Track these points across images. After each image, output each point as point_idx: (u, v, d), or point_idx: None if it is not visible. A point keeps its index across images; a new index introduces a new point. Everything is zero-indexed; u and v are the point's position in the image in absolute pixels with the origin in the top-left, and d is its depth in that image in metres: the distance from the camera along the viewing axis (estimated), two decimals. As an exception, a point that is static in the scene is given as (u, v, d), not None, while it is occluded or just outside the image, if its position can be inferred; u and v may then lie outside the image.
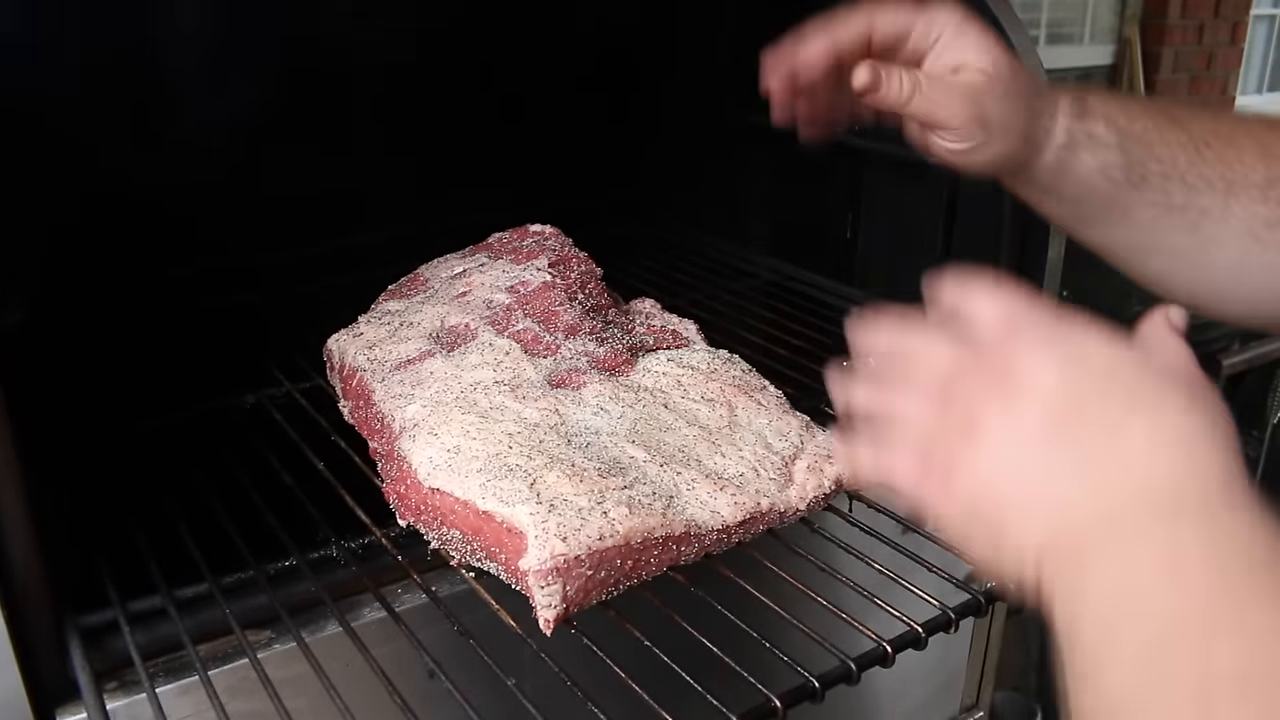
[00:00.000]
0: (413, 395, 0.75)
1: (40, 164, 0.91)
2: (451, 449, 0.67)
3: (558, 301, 0.84)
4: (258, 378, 0.93)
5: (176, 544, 0.69)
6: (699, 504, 0.65)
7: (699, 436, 0.72)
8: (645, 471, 0.67)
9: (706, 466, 0.69)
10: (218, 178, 1.12)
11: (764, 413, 0.76)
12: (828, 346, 0.99)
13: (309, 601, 0.67)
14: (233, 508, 0.73)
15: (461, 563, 0.64)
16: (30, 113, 0.92)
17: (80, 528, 0.69)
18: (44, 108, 0.95)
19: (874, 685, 1.06)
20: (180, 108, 1.12)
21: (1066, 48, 3.77)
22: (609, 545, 0.59)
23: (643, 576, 0.62)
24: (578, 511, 0.60)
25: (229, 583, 0.66)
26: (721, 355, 0.82)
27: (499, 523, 0.61)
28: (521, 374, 0.76)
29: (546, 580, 0.58)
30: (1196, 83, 4.02)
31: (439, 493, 0.64)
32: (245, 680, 0.63)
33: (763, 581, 0.64)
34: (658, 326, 0.89)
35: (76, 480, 0.75)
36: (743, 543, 0.67)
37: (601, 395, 0.74)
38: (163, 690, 0.61)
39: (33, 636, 0.59)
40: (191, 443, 0.84)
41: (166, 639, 0.63)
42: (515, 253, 0.94)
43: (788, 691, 0.56)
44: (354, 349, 0.84)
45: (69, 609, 0.62)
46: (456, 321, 0.84)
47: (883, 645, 0.60)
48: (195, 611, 0.65)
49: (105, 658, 0.62)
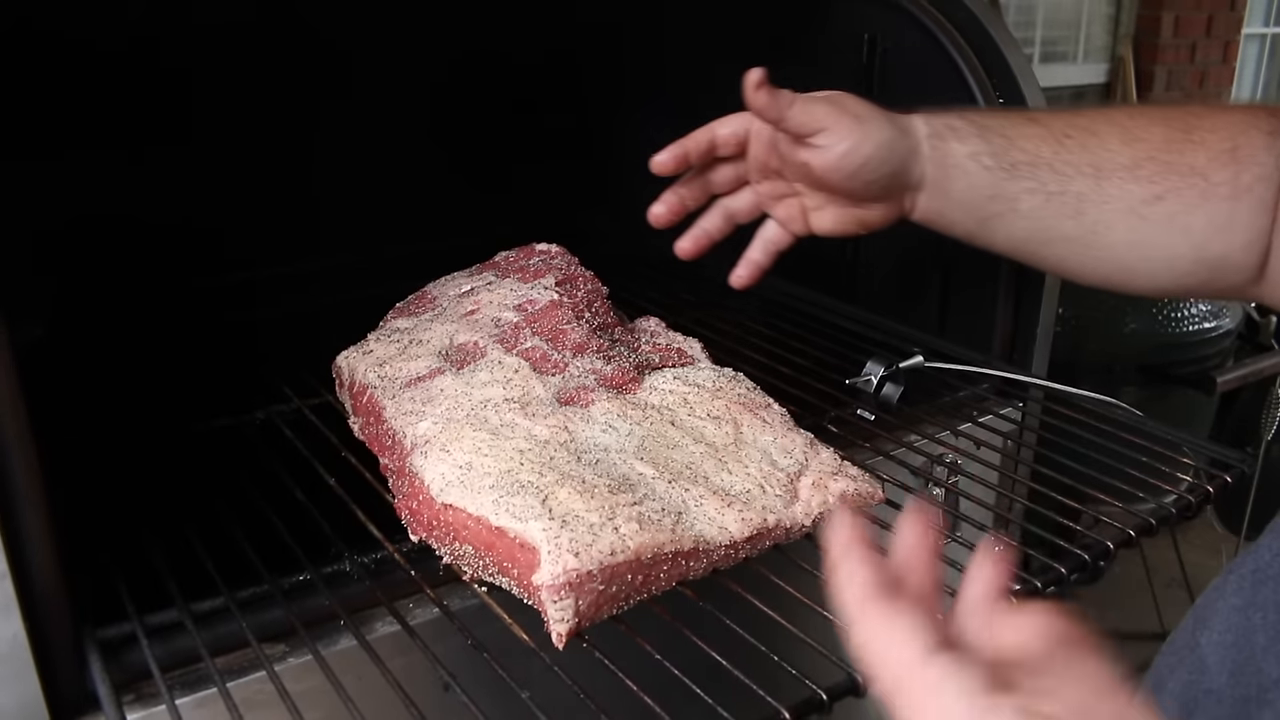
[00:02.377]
0: (424, 412, 0.76)
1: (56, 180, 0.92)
2: (464, 465, 0.68)
3: (565, 320, 0.86)
4: (267, 394, 0.94)
5: (191, 557, 0.70)
6: (707, 520, 0.66)
7: (706, 453, 0.73)
8: (654, 488, 0.68)
9: (714, 483, 0.70)
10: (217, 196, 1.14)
11: (769, 430, 0.77)
12: (830, 364, 1.01)
13: (323, 615, 0.68)
14: (246, 522, 0.74)
15: (474, 578, 0.66)
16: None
17: (97, 541, 0.70)
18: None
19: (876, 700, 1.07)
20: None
21: (1060, 66, 3.81)
22: (620, 560, 0.61)
23: (652, 591, 0.64)
24: (589, 527, 0.61)
25: (244, 597, 0.67)
26: (726, 373, 0.84)
27: (512, 538, 0.62)
28: (531, 392, 0.77)
29: (559, 595, 0.59)
30: (1189, 101, 4.06)
31: (452, 508, 0.66)
32: (261, 693, 0.64)
33: (769, 596, 0.65)
34: (663, 345, 0.91)
35: (91, 494, 0.76)
36: (749, 558, 0.68)
37: (609, 413, 0.75)
38: (180, 702, 0.62)
39: (53, 649, 0.60)
40: (203, 458, 0.85)
41: (183, 652, 0.64)
42: (522, 271, 0.95)
43: (796, 704, 0.57)
44: (364, 366, 0.85)
45: (88, 622, 0.63)
46: (465, 339, 0.86)
47: (888, 658, 0.61)
48: (212, 625, 0.66)
49: (123, 670, 0.63)
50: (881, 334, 1.09)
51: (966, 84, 0.99)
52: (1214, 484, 0.80)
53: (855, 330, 1.11)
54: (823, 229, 0.85)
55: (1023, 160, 0.77)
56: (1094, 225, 0.76)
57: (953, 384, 1.00)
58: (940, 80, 1.01)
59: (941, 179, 0.79)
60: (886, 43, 1.08)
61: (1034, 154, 0.77)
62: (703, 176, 0.87)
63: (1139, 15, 3.85)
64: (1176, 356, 2.36)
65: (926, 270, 1.10)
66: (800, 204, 0.85)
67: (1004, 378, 1.00)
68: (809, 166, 0.80)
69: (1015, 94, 0.98)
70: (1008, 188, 0.77)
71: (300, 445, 0.85)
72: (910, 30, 1.04)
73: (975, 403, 0.99)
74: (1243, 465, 0.83)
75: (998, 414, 0.97)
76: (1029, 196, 0.77)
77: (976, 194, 0.79)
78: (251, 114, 1.21)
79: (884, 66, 1.09)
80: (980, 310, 1.05)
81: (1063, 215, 0.77)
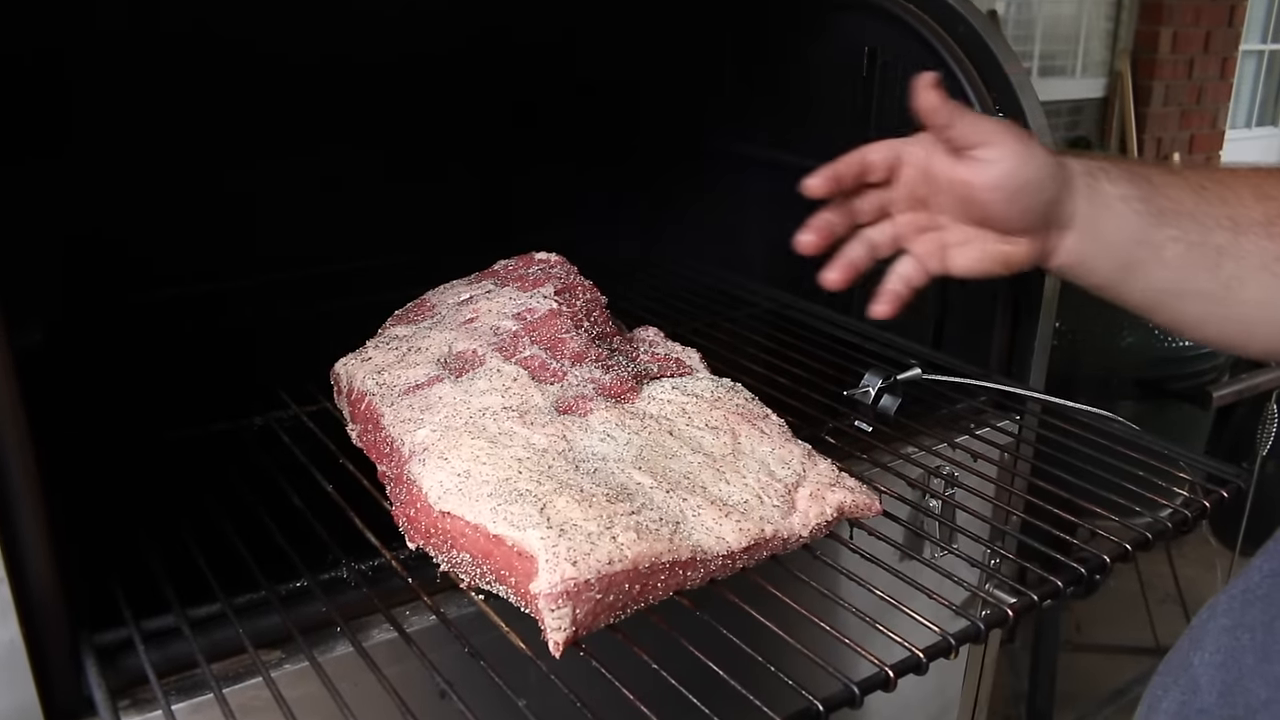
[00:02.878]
0: (422, 420, 0.76)
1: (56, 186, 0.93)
2: (462, 473, 0.68)
3: (564, 329, 0.86)
4: (265, 400, 0.94)
5: (188, 563, 0.70)
6: (704, 530, 0.67)
7: (704, 463, 0.73)
8: (652, 497, 0.68)
9: (711, 493, 0.70)
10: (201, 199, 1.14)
11: (767, 441, 0.78)
12: (828, 376, 1.01)
13: (320, 622, 0.68)
14: (243, 528, 0.74)
15: (471, 585, 0.66)
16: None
17: (93, 546, 0.70)
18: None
19: (871, 712, 1.07)
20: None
21: (1059, 80, 3.83)
22: (618, 569, 0.61)
23: (650, 601, 0.64)
24: (587, 536, 0.62)
25: (241, 603, 0.67)
26: (725, 384, 0.84)
27: (510, 546, 0.62)
28: (529, 400, 0.77)
29: (557, 603, 0.59)
30: (1187, 116, 4.09)
31: (450, 516, 0.66)
32: (257, 699, 0.64)
33: (766, 606, 0.65)
34: (662, 354, 0.91)
35: (88, 498, 0.76)
36: (746, 568, 0.68)
37: (608, 422, 0.75)
38: (176, 708, 0.62)
39: (49, 654, 0.60)
40: (201, 462, 0.85)
41: (180, 657, 0.64)
42: (521, 280, 0.96)
43: (792, 714, 0.57)
44: (362, 373, 0.85)
45: (84, 627, 0.63)
46: (464, 348, 0.86)
47: (885, 670, 0.61)
48: (208, 631, 0.66)
49: (119, 675, 0.63)
50: (879, 346, 1.09)
51: (966, 96, 0.99)
52: (1210, 499, 0.81)
53: (853, 342, 1.11)
54: (961, 267, 0.83)
55: (1169, 207, 0.76)
56: (1229, 280, 0.75)
57: (951, 397, 1.00)
58: (940, 93, 1.02)
59: (1094, 218, 0.78)
60: (887, 55, 1.09)
61: (1178, 202, 0.76)
62: (848, 203, 0.84)
63: (1137, 30, 3.87)
64: (1173, 371, 2.36)
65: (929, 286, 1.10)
66: (940, 240, 0.83)
67: (1001, 390, 1.00)
68: (969, 185, 0.78)
69: (1014, 107, 0.98)
70: (1154, 235, 0.76)
71: (298, 451, 0.85)
72: (910, 43, 1.04)
73: (972, 415, 0.99)
74: (1238, 480, 0.83)
75: (995, 427, 0.97)
76: (1173, 245, 0.76)
77: (1124, 237, 0.77)
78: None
79: (884, 79, 1.10)
80: (978, 324, 1.05)
81: (1201, 267, 0.76)
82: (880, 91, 1.11)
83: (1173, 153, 4.00)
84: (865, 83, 1.11)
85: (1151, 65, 3.83)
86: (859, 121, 1.13)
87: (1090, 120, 3.90)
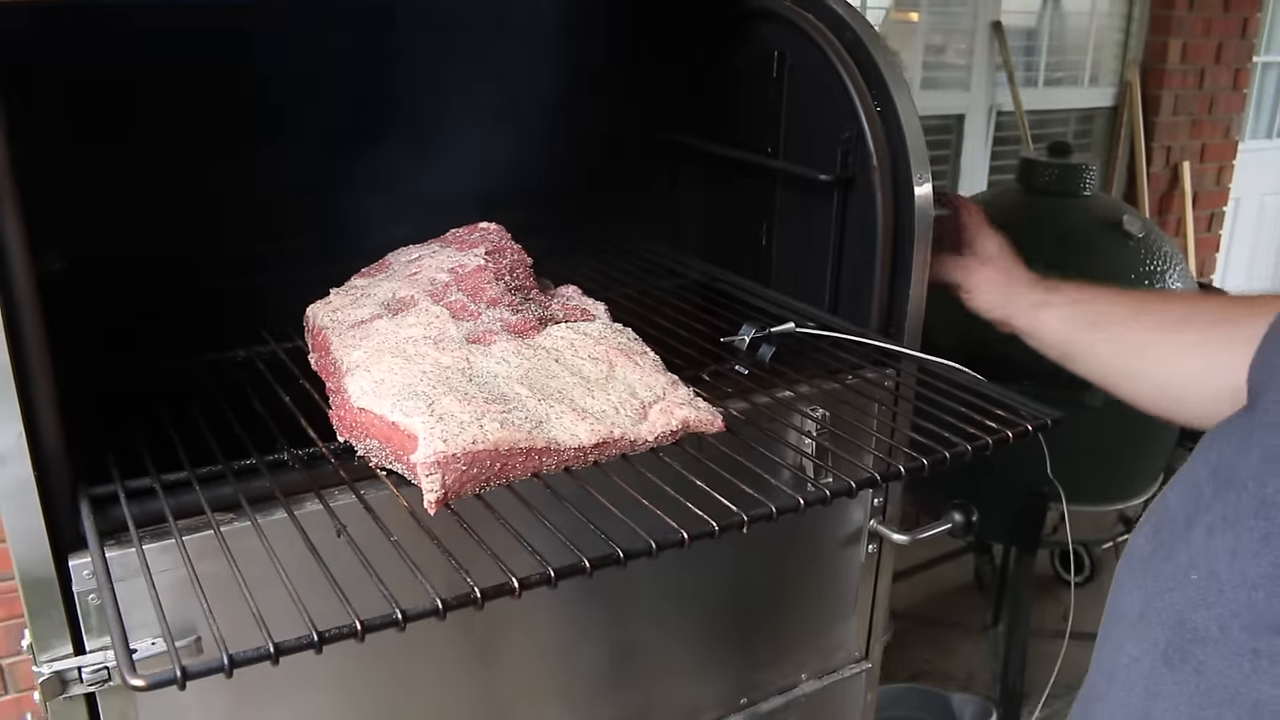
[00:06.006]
0: (359, 345, 0.95)
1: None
2: (378, 380, 0.87)
3: (486, 280, 1.04)
4: (249, 338, 1.13)
5: (167, 444, 0.89)
6: (562, 428, 0.84)
7: (577, 383, 0.91)
8: (525, 403, 0.86)
9: (577, 404, 0.88)
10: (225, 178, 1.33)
11: (638, 370, 0.95)
12: (727, 332, 1.18)
13: (265, 495, 0.86)
14: (213, 424, 0.93)
15: (379, 465, 0.84)
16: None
17: (94, 427, 0.89)
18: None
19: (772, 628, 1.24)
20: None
21: (1068, 89, 3.92)
22: (480, 449, 0.79)
23: (511, 478, 0.82)
24: (460, 424, 0.80)
25: (204, 474, 0.86)
26: (615, 327, 1.02)
27: (402, 430, 0.81)
28: (445, 332, 0.96)
29: (430, 470, 0.77)
30: (1198, 126, 4.15)
31: (364, 411, 0.84)
32: (209, 547, 0.82)
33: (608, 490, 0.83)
34: (573, 306, 1.09)
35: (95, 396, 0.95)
36: (599, 463, 0.86)
37: (506, 350, 0.94)
38: (148, 548, 0.81)
39: (54, 495, 0.80)
40: (189, 382, 1.04)
41: (154, 512, 0.83)
42: (462, 243, 1.14)
43: (595, 558, 0.74)
44: (323, 313, 1.05)
45: (82, 480, 0.83)
46: (405, 294, 1.04)
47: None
48: (177, 494, 0.85)
49: (107, 521, 0.82)
50: (781, 309, 1.25)
51: (849, 95, 1.16)
52: (1015, 431, 0.97)
53: (761, 307, 1.27)
54: None
55: (1102, 319, 1.04)
56: (1152, 365, 0.99)
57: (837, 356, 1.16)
58: (831, 91, 1.18)
59: (1034, 328, 1.12)
60: (792, 59, 1.26)
61: (1110, 315, 1.04)
62: None
63: (1147, 41, 3.95)
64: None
65: (823, 255, 1.26)
66: None
67: (870, 345, 1.16)
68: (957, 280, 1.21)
69: (889, 103, 1.14)
70: (1087, 336, 1.05)
71: (269, 375, 1.04)
72: (809, 48, 1.21)
73: (850, 369, 1.15)
74: (1046, 419, 0.99)
75: (865, 378, 1.13)
76: (1104, 343, 1.04)
77: (1059, 339, 1.09)
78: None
79: (791, 80, 1.27)
80: (862, 290, 1.22)
81: (1129, 357, 1.01)
82: (789, 90, 1.27)
83: (1182, 161, 4.07)
84: (776, 82, 1.28)
85: (1160, 75, 3.90)
86: (772, 116, 1.30)
87: (1100, 128, 4.00)
